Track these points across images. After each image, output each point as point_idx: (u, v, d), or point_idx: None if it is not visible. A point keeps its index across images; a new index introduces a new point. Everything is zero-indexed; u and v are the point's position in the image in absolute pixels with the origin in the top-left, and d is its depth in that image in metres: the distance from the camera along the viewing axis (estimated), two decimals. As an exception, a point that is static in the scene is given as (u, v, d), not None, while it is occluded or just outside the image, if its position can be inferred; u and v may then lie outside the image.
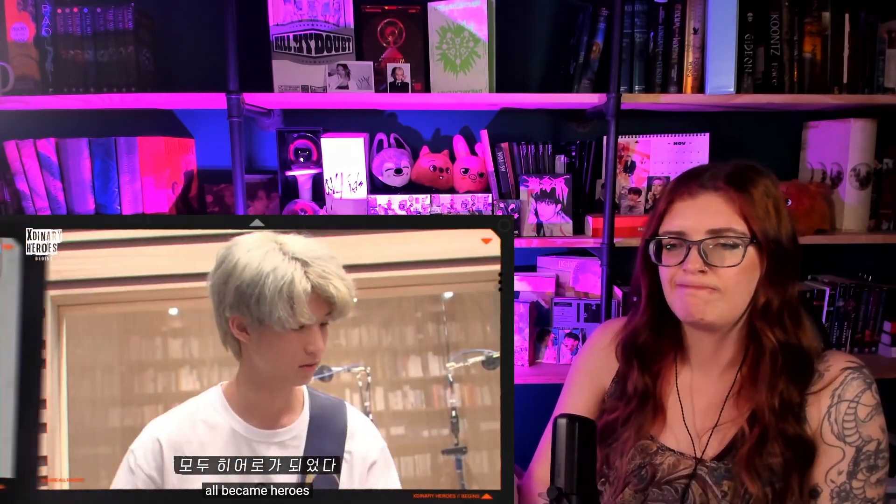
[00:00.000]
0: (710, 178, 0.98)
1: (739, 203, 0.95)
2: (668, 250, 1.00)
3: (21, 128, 1.74)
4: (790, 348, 0.97)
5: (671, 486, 1.01)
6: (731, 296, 0.96)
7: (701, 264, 0.95)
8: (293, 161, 1.81)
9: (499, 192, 1.81)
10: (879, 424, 0.95)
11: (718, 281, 0.95)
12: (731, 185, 0.96)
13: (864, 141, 1.77)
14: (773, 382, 0.96)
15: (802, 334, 0.98)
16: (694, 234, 0.96)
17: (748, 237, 0.95)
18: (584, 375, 1.17)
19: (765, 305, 0.96)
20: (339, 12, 1.71)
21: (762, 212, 0.95)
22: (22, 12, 1.64)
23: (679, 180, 1.03)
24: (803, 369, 0.97)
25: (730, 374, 1.03)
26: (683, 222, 0.98)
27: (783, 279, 0.97)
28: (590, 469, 0.84)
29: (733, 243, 0.95)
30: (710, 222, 0.96)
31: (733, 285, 0.95)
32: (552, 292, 1.89)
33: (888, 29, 1.76)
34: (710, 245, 0.95)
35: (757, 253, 0.96)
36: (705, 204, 0.97)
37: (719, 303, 0.96)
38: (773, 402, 0.95)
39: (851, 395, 0.95)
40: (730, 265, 0.94)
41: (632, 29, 1.70)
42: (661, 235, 1.00)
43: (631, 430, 1.05)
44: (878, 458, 0.94)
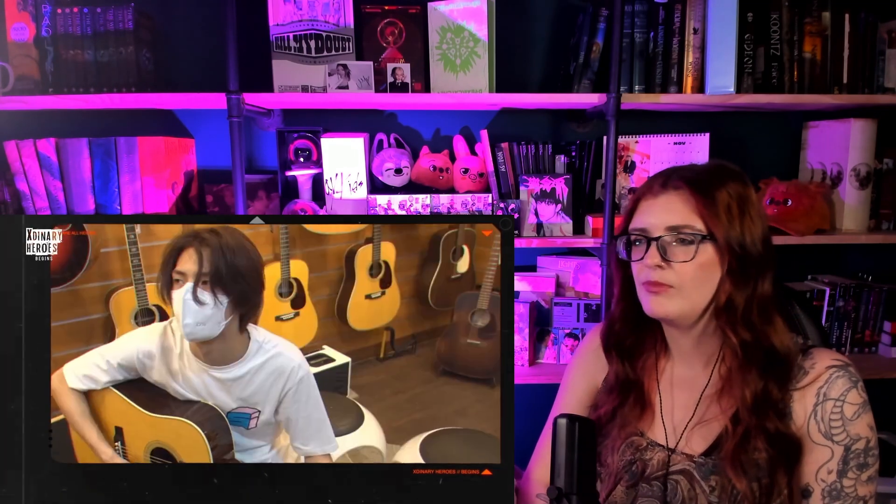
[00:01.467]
0: (673, 179, 1.02)
1: (697, 203, 0.99)
2: (636, 247, 1.03)
3: (21, 128, 1.74)
4: (758, 346, 0.98)
5: (659, 482, 1.02)
6: (688, 292, 0.99)
7: (659, 259, 0.98)
8: (293, 161, 1.81)
9: (499, 192, 1.81)
10: (867, 422, 0.96)
11: (675, 277, 0.98)
12: (690, 185, 1.00)
13: (864, 141, 1.77)
14: (745, 379, 0.98)
15: (773, 332, 0.99)
16: (654, 230, 1.00)
17: (704, 234, 0.97)
18: (578, 376, 1.20)
19: (726, 304, 0.98)
20: (339, 12, 1.71)
21: (723, 212, 0.98)
22: (22, 12, 1.64)
23: (647, 181, 1.07)
24: (778, 366, 0.98)
25: (710, 370, 1.05)
26: (647, 219, 1.02)
27: (748, 278, 0.98)
28: (590, 469, 0.84)
29: (690, 239, 0.98)
30: (668, 219, 0.99)
31: (689, 281, 0.98)
32: (552, 292, 1.89)
33: (888, 29, 1.76)
34: (667, 241, 0.99)
35: (715, 251, 0.98)
36: (666, 202, 1.01)
37: (676, 298, 0.99)
38: (746, 398, 0.97)
39: (837, 393, 0.96)
40: (683, 260, 0.97)
41: (632, 29, 1.70)
42: (629, 233, 1.04)
43: (617, 425, 1.07)
44: (868, 455, 0.95)
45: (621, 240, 1.05)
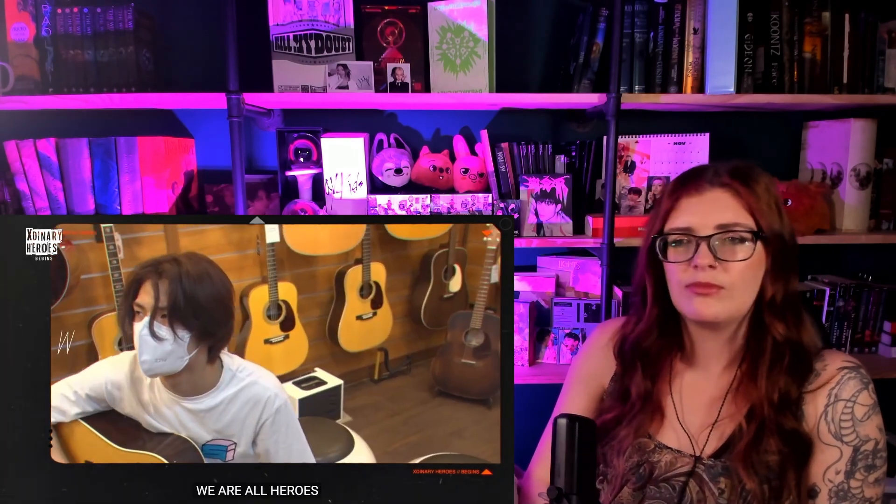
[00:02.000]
0: (714, 175, 0.99)
1: (746, 198, 0.97)
2: (675, 247, 1.00)
3: (21, 128, 1.74)
4: (792, 344, 0.98)
5: (668, 484, 1.01)
6: (738, 292, 0.97)
7: (711, 259, 0.95)
8: (293, 161, 1.81)
9: (499, 192, 1.81)
10: (877, 424, 0.96)
11: (726, 277, 0.96)
12: (736, 179, 0.98)
13: (864, 141, 1.77)
14: (774, 377, 0.97)
15: (804, 330, 0.99)
16: (702, 229, 0.97)
17: (755, 231, 0.96)
18: (582, 376, 1.18)
19: (771, 299, 0.98)
20: (339, 12, 1.71)
21: (766, 207, 0.97)
22: (22, 12, 1.64)
23: (682, 179, 1.03)
24: (802, 365, 0.98)
25: (730, 371, 1.04)
26: (691, 218, 0.98)
27: (786, 274, 0.98)
28: (590, 469, 0.84)
29: (741, 238, 0.96)
30: (718, 217, 0.96)
31: (740, 281, 0.96)
32: (552, 292, 1.89)
33: (888, 29, 1.76)
34: (719, 240, 0.96)
35: (763, 247, 0.97)
36: (712, 199, 0.98)
37: (727, 300, 0.96)
38: (772, 395, 0.96)
39: (848, 394, 0.96)
40: (741, 259, 0.95)
41: (632, 29, 1.70)
42: (668, 233, 1.00)
43: (630, 430, 1.05)
44: (876, 457, 0.95)
45: (659, 241, 1.01)
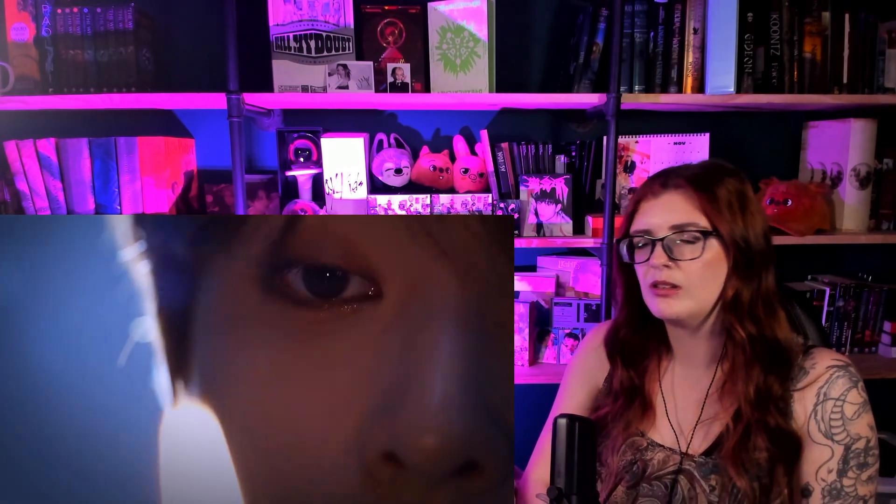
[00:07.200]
0: (673, 178, 1.02)
1: (699, 200, 0.99)
2: (639, 249, 1.03)
3: (21, 128, 1.74)
4: (763, 340, 0.99)
5: (660, 482, 1.02)
6: (697, 291, 0.99)
7: (666, 259, 0.98)
8: (293, 161, 1.81)
9: (499, 192, 1.81)
10: (867, 422, 0.96)
11: (682, 276, 0.98)
12: (691, 184, 1.00)
13: (864, 141, 1.77)
14: (749, 374, 0.98)
15: (777, 326, 1.00)
16: (658, 230, 1.00)
17: (709, 231, 0.98)
18: (578, 376, 1.20)
19: (734, 298, 0.98)
20: (339, 12, 1.71)
21: (724, 208, 0.98)
22: (22, 12, 1.64)
23: (645, 183, 1.07)
24: (780, 360, 0.99)
25: (713, 369, 1.05)
26: (650, 220, 1.02)
27: (752, 273, 0.99)
28: (590, 469, 0.84)
29: (694, 237, 0.98)
30: (672, 219, 0.99)
31: (697, 280, 0.98)
32: (552, 292, 1.89)
33: (888, 29, 1.76)
34: (673, 241, 0.99)
35: (721, 247, 0.98)
36: (667, 202, 1.01)
37: (685, 298, 0.99)
38: (749, 393, 0.97)
39: (837, 393, 0.96)
40: (690, 258, 0.98)
41: (632, 29, 1.70)
42: (632, 235, 1.04)
43: (619, 427, 1.07)
44: (868, 455, 0.95)
45: (623, 243, 1.05)
